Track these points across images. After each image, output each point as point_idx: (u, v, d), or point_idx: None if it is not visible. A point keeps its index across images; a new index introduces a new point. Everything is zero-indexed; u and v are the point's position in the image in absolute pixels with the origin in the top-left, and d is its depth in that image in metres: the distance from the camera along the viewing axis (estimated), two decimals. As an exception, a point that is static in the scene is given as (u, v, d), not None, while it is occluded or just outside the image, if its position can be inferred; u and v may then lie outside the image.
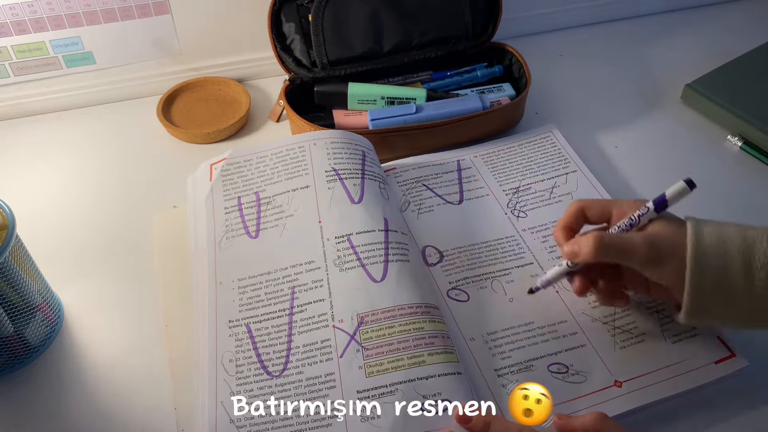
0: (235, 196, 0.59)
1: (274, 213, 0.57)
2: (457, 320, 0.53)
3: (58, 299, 0.56)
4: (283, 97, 0.70)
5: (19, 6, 0.68)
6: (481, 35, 0.74)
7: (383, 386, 0.46)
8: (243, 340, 0.50)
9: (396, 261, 0.53)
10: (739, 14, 0.91)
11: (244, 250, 0.55)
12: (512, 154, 0.68)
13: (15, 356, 0.51)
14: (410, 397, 0.46)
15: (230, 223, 0.57)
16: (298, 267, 0.54)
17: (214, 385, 0.48)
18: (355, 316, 0.50)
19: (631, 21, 0.90)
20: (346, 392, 0.46)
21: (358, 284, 0.51)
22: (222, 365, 0.49)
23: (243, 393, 0.47)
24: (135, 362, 0.53)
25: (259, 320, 0.51)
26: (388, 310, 0.50)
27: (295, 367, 0.48)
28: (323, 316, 0.51)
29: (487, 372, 0.49)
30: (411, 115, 0.67)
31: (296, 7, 0.71)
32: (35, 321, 0.51)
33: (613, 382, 0.49)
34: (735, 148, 0.71)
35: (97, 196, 0.67)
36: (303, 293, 0.52)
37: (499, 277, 0.56)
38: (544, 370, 0.49)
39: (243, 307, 0.52)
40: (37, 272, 0.53)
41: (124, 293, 0.58)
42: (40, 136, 0.74)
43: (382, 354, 0.48)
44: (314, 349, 0.49)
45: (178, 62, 0.77)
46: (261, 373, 0.48)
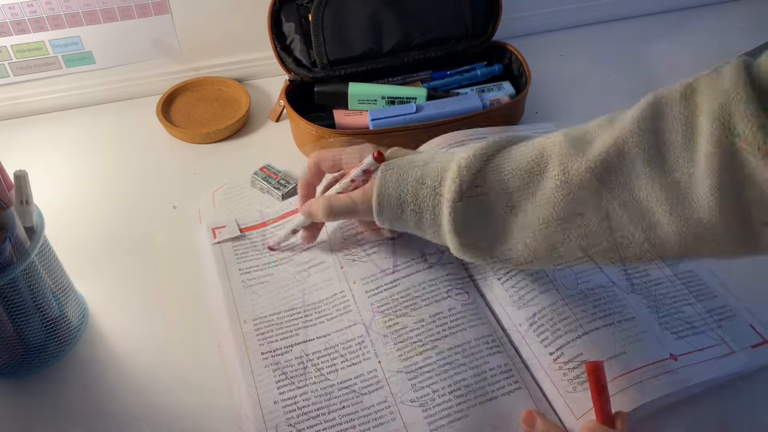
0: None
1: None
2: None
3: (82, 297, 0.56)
4: (283, 97, 0.70)
5: (19, 6, 0.68)
6: (481, 35, 0.74)
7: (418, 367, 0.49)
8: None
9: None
10: (739, 14, 0.91)
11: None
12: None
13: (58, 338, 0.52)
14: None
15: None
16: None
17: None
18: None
19: (631, 21, 0.90)
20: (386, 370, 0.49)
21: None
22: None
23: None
24: (140, 361, 0.53)
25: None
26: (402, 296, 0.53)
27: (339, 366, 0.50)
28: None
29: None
30: (411, 115, 0.67)
31: (296, 7, 0.71)
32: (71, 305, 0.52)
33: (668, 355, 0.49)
34: (735, 147, 0.71)
35: (96, 196, 0.67)
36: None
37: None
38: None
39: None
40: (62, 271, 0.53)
41: (123, 293, 0.58)
42: (39, 136, 0.74)
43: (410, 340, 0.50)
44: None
45: (177, 62, 0.77)
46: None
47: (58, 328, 0.52)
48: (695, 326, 0.52)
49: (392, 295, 0.54)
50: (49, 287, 0.50)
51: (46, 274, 0.49)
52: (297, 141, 0.71)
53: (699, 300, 0.54)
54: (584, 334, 0.50)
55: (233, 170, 0.68)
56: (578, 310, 0.51)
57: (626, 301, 0.53)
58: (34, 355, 0.51)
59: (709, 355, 0.50)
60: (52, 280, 0.50)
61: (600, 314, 0.51)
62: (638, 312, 0.52)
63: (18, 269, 0.45)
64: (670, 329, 0.51)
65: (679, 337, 0.51)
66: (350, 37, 0.70)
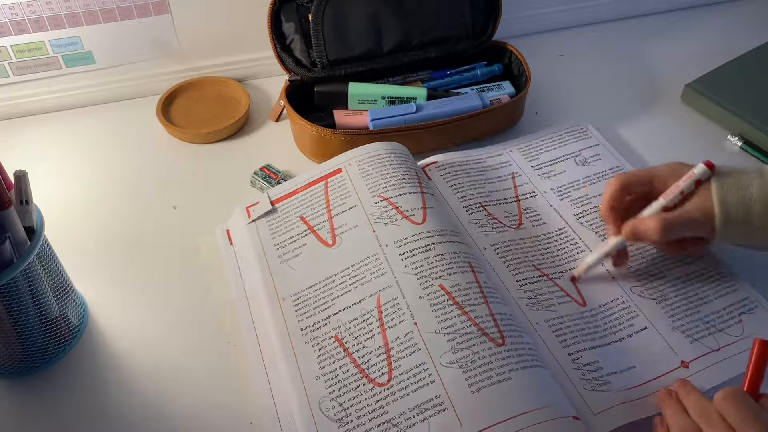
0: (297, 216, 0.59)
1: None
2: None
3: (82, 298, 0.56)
4: (283, 97, 0.70)
5: (19, 6, 0.68)
6: (481, 35, 0.74)
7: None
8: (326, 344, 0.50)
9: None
10: (739, 14, 0.91)
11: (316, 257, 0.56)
12: (550, 148, 0.69)
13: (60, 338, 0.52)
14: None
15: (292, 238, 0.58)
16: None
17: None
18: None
19: (631, 21, 0.90)
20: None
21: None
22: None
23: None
24: (138, 362, 0.53)
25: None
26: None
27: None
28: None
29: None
30: (411, 115, 0.67)
31: (296, 6, 0.71)
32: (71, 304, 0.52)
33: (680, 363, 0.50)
34: (735, 147, 0.71)
35: (96, 195, 0.67)
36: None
37: (564, 264, 0.57)
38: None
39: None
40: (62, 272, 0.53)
41: (123, 293, 0.58)
42: (39, 136, 0.74)
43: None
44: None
45: (177, 62, 0.77)
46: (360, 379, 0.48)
47: (58, 328, 0.52)
48: (713, 325, 0.52)
49: (427, 258, 0.53)
50: (49, 287, 0.50)
51: (46, 274, 0.49)
52: (297, 141, 0.71)
53: (717, 297, 0.54)
54: (598, 347, 0.51)
55: (233, 170, 0.68)
56: (592, 324, 0.52)
57: (638, 311, 0.53)
58: (34, 355, 0.51)
59: (725, 354, 0.50)
60: (52, 280, 0.50)
61: (614, 328, 0.52)
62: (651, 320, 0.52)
63: (18, 269, 0.45)
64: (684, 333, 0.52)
65: (694, 339, 0.51)
66: (350, 37, 0.70)
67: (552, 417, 0.44)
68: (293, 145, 0.71)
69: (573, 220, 0.61)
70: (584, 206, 0.62)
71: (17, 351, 0.50)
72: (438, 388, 0.46)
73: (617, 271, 0.56)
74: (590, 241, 0.59)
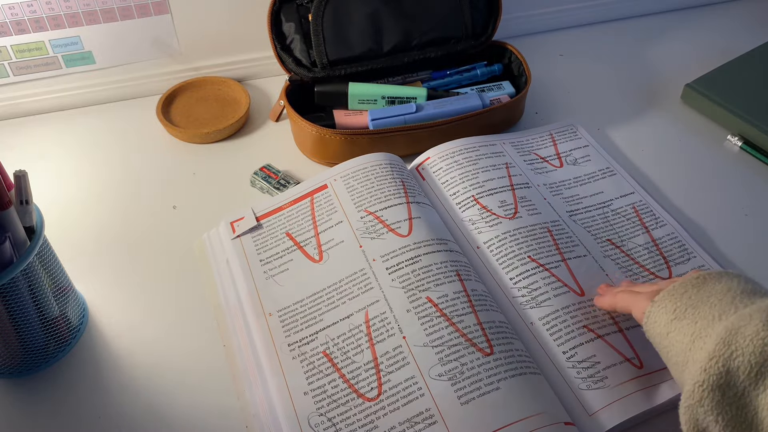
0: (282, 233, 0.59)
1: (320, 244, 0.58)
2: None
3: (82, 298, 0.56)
4: (283, 97, 0.70)
5: (19, 6, 0.68)
6: (481, 35, 0.74)
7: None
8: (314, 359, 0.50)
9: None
10: (739, 14, 0.91)
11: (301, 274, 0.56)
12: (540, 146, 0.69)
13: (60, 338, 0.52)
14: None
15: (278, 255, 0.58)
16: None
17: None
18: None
19: (631, 21, 0.90)
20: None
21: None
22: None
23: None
24: (137, 361, 0.53)
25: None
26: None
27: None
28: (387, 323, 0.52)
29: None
30: (411, 115, 0.67)
31: (296, 6, 0.71)
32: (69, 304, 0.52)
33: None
34: (735, 147, 0.71)
35: (96, 195, 0.67)
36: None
37: (569, 259, 0.57)
38: None
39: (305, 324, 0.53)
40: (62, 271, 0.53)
41: (123, 293, 0.58)
42: (39, 136, 0.74)
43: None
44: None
45: (177, 62, 0.77)
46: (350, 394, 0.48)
47: (58, 328, 0.52)
48: None
49: (414, 271, 0.53)
50: (49, 287, 0.50)
51: (45, 274, 0.49)
52: (297, 141, 0.71)
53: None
54: (597, 338, 0.50)
55: (233, 170, 0.68)
56: (591, 314, 0.52)
57: None
58: (34, 355, 0.51)
59: None
60: (51, 280, 0.50)
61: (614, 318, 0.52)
62: None
63: (18, 269, 0.45)
64: None
65: None
66: (350, 37, 0.70)
67: (544, 424, 0.44)
68: (293, 145, 0.71)
69: (566, 216, 0.61)
70: (576, 205, 0.62)
71: (17, 351, 0.50)
72: (428, 402, 0.46)
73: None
74: (584, 237, 0.59)
